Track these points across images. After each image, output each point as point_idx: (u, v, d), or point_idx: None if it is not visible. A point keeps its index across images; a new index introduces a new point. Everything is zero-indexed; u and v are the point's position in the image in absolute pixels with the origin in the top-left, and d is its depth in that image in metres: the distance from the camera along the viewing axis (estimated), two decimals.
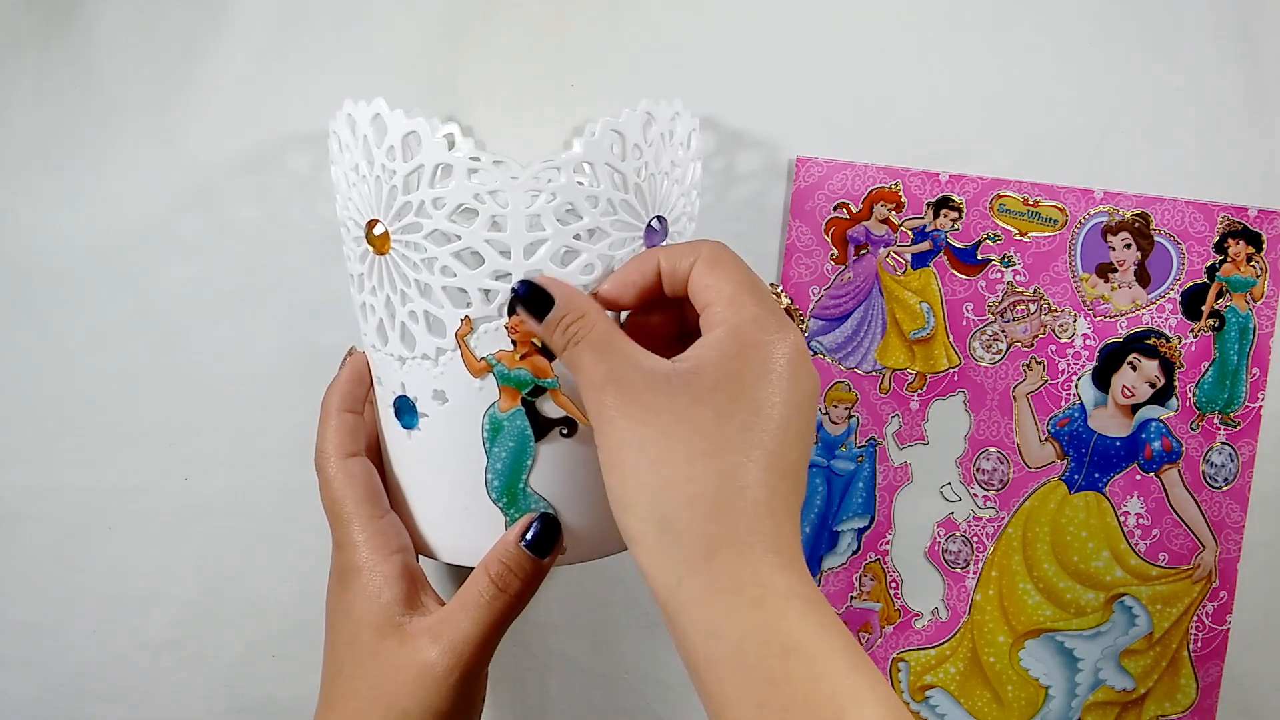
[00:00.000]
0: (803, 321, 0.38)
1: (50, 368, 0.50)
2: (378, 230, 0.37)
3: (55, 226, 0.49)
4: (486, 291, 0.36)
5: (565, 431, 0.38)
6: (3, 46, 0.49)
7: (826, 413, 0.51)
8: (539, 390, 0.38)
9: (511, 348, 0.37)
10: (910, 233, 0.50)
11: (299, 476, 0.48)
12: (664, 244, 0.38)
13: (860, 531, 0.51)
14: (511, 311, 0.36)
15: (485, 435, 0.38)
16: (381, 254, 0.37)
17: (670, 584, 0.31)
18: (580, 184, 0.36)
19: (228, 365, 0.50)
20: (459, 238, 0.36)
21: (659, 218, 0.38)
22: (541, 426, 0.38)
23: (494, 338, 0.37)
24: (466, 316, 0.37)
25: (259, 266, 0.49)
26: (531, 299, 0.35)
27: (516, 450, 0.38)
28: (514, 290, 0.36)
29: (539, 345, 0.37)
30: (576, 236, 0.36)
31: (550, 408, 0.38)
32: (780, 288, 0.39)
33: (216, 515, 0.50)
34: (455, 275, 0.36)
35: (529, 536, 0.38)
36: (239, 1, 0.49)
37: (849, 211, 0.50)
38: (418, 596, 0.39)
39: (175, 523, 0.50)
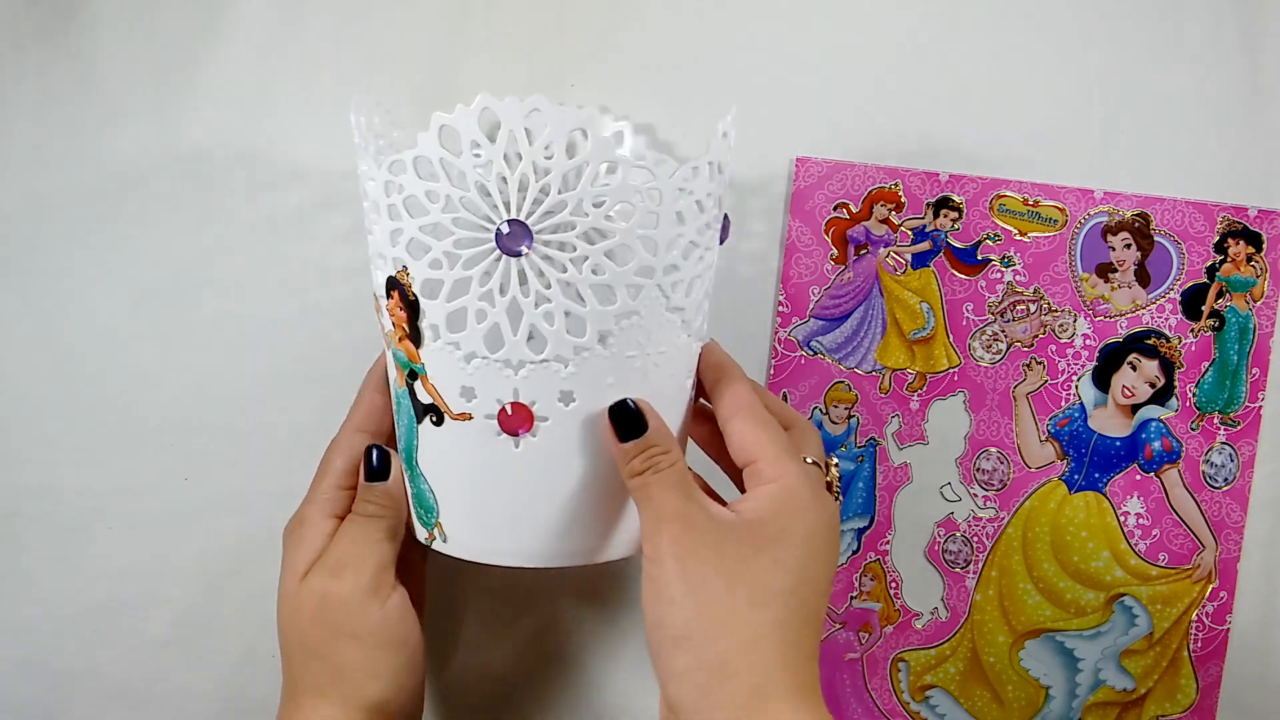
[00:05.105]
0: (839, 496, 0.41)
1: (50, 368, 0.50)
2: None
3: (55, 226, 0.49)
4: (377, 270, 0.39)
5: (435, 420, 0.38)
6: (3, 46, 0.49)
7: (826, 412, 0.51)
8: (414, 375, 0.38)
9: (392, 328, 0.38)
10: (910, 233, 0.50)
11: (299, 476, 0.48)
12: (526, 250, 0.35)
13: (860, 531, 0.51)
14: (388, 295, 0.38)
15: (394, 405, 0.41)
16: None
17: None
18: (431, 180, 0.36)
19: (228, 365, 0.50)
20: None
21: (514, 221, 0.35)
22: (419, 409, 0.39)
23: (383, 317, 0.39)
24: (374, 293, 0.39)
25: (258, 266, 0.49)
26: (623, 419, 0.37)
27: (409, 426, 0.40)
28: (611, 406, 0.37)
29: (408, 331, 0.38)
30: (424, 230, 0.37)
31: (422, 393, 0.38)
32: (835, 462, 0.41)
33: (216, 515, 0.50)
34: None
35: (367, 470, 0.42)
36: (239, 2, 0.49)
37: (849, 211, 0.50)
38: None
39: (175, 523, 0.50)
